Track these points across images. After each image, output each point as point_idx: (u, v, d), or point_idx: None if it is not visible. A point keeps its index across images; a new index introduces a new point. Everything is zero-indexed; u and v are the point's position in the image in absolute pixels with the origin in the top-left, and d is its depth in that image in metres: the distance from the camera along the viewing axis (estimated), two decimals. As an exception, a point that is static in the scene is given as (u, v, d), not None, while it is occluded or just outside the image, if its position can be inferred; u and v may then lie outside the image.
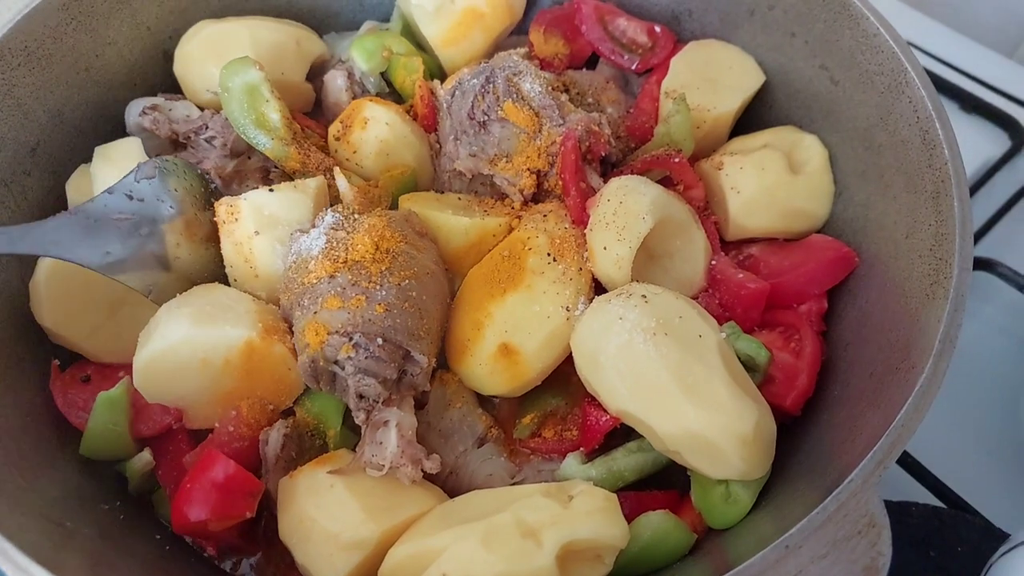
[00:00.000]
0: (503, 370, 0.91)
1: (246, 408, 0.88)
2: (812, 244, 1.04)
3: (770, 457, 0.84)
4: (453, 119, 1.08)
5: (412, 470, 0.82)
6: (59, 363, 0.94)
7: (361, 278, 0.85)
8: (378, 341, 0.83)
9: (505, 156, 1.05)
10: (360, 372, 0.83)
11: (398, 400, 0.87)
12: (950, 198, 0.85)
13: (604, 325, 0.86)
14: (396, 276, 0.86)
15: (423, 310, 0.87)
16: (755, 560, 0.65)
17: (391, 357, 0.84)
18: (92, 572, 0.67)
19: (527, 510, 0.76)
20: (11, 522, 0.68)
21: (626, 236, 0.92)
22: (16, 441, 0.83)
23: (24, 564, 0.62)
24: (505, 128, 1.04)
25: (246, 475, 0.82)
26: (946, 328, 0.77)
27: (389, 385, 0.85)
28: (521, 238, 0.97)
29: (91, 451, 0.91)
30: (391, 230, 0.91)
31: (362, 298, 0.84)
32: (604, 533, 0.75)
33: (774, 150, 1.05)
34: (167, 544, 0.87)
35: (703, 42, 1.18)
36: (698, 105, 1.11)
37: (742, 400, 0.80)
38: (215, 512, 0.80)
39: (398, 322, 0.84)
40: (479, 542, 0.73)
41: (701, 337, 0.83)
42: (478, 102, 1.06)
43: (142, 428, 0.90)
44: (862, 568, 0.65)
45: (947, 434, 1.11)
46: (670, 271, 1.00)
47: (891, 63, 0.96)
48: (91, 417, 0.89)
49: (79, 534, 0.76)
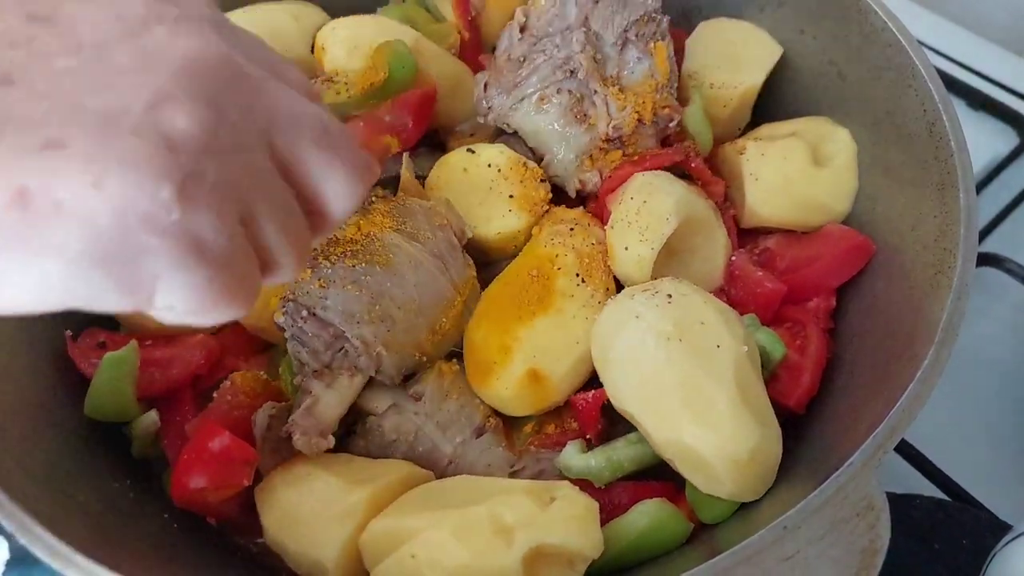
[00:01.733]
0: (530, 394, 0.91)
1: (240, 377, 0.91)
2: (828, 235, 1.03)
3: (766, 482, 0.82)
4: (591, 15, 1.01)
5: (299, 439, 0.84)
6: (71, 333, 0.94)
7: (323, 254, 0.90)
8: (304, 312, 0.88)
9: (618, 84, 1.01)
10: (292, 339, 0.89)
11: (332, 375, 0.90)
12: (955, 190, 0.86)
13: (620, 321, 0.86)
14: (355, 259, 0.89)
15: (378, 296, 0.89)
16: (752, 540, 0.65)
17: (316, 331, 0.88)
18: (99, 543, 0.68)
19: (504, 507, 0.76)
20: (26, 491, 0.69)
21: (648, 237, 0.92)
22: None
23: (32, 527, 0.64)
24: (640, 63, 0.99)
25: (242, 444, 0.84)
26: (949, 316, 0.77)
27: (319, 358, 0.89)
28: (549, 256, 0.96)
29: (95, 410, 0.91)
30: (385, 215, 0.92)
31: (309, 271, 0.89)
32: (576, 542, 0.75)
33: (800, 140, 1.04)
34: (175, 522, 0.88)
35: (712, 21, 1.19)
36: (724, 83, 1.10)
37: (744, 421, 0.78)
38: (213, 481, 0.82)
39: (336, 301, 0.87)
40: (451, 531, 0.74)
41: (719, 348, 0.81)
42: (642, 22, 1.00)
43: (146, 386, 0.92)
44: (860, 550, 0.66)
45: (952, 428, 1.11)
46: (689, 267, 0.99)
47: (899, 57, 0.96)
48: (96, 376, 0.90)
49: (87, 506, 0.77)
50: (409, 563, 0.74)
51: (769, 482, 0.82)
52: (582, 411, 0.91)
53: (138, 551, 0.75)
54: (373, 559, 0.79)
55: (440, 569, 0.73)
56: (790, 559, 0.65)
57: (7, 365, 0.85)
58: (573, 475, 0.87)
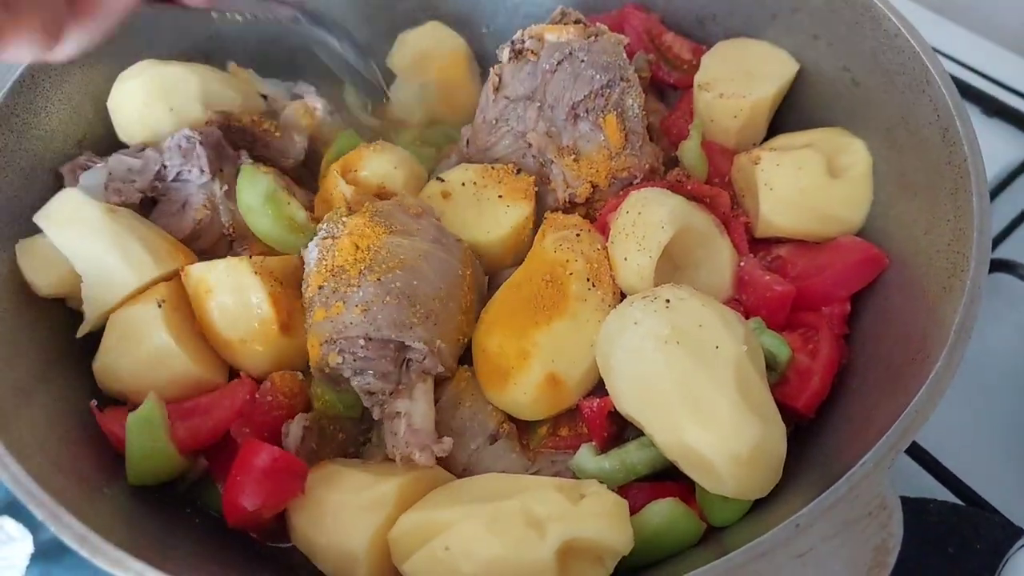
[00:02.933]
0: (548, 398, 0.93)
1: (279, 378, 0.91)
2: (840, 246, 1.04)
3: (770, 479, 0.82)
4: (547, 88, 1.05)
5: (421, 456, 0.85)
6: (96, 402, 0.91)
7: (341, 283, 0.88)
8: (360, 343, 0.87)
9: (574, 153, 1.05)
10: (357, 374, 0.88)
11: (408, 388, 0.90)
12: (968, 194, 0.86)
13: (619, 328, 0.87)
14: (376, 272, 0.88)
15: (413, 297, 0.89)
16: (765, 538, 0.66)
17: (380, 353, 0.88)
18: (125, 528, 0.70)
19: (536, 501, 0.77)
20: (55, 484, 0.71)
21: (646, 246, 0.94)
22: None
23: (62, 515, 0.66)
24: (594, 133, 1.04)
25: (288, 456, 0.83)
26: (962, 319, 0.78)
27: (391, 378, 0.89)
28: (559, 261, 0.97)
29: (139, 477, 0.86)
30: (372, 225, 0.92)
31: (340, 304, 0.87)
32: (608, 537, 0.76)
33: (816, 151, 1.04)
34: (196, 518, 0.90)
35: (732, 40, 1.20)
36: (733, 93, 1.12)
37: (744, 418, 0.78)
38: (268, 498, 0.81)
39: (379, 318, 0.87)
40: (484, 524, 0.75)
41: (718, 348, 0.81)
42: (589, 99, 1.04)
43: (190, 438, 0.88)
44: (872, 548, 0.66)
45: (966, 433, 1.12)
46: (696, 281, 1.00)
47: (912, 63, 0.97)
48: (128, 444, 0.85)
49: (115, 499, 0.79)
50: (443, 555, 0.75)
51: (774, 480, 0.82)
52: (589, 418, 0.92)
53: (162, 541, 0.77)
54: (403, 553, 0.80)
55: (475, 561, 0.74)
56: (803, 556, 0.66)
57: (44, 372, 0.87)
58: (587, 477, 0.88)
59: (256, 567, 0.86)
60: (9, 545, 1.03)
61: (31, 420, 0.79)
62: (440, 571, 0.76)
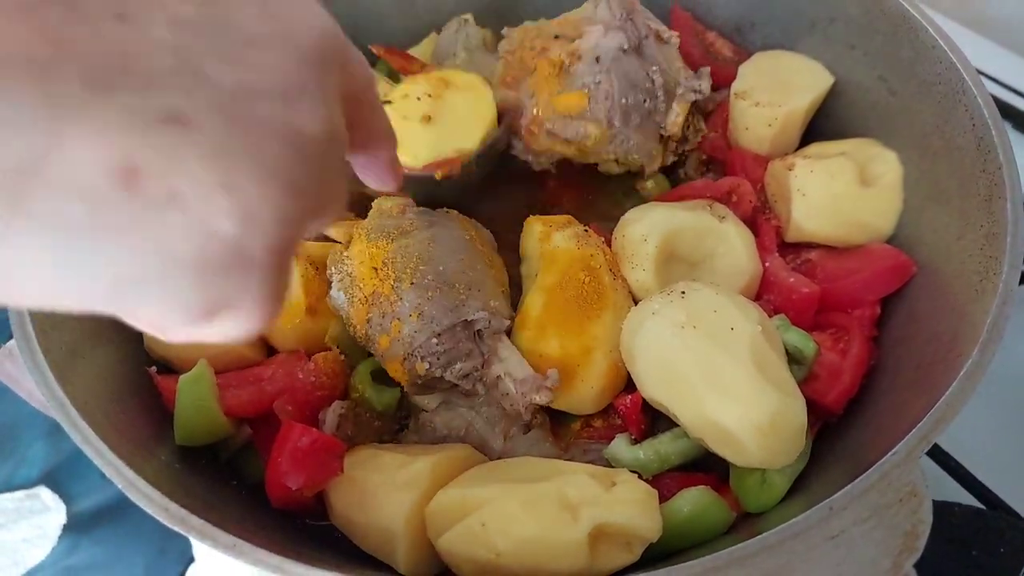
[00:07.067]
0: (611, 387, 0.96)
1: (322, 359, 0.94)
2: (871, 252, 1.06)
3: (795, 447, 0.85)
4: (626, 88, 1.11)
5: (540, 396, 0.89)
6: (155, 368, 0.95)
7: (384, 306, 0.90)
8: (433, 342, 0.89)
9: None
10: (446, 367, 0.91)
11: (492, 352, 0.93)
12: (1003, 200, 0.88)
13: (639, 321, 0.91)
14: (406, 279, 0.91)
15: (448, 279, 0.92)
16: (800, 519, 0.68)
17: (454, 340, 0.91)
18: (181, 491, 0.73)
19: (570, 485, 0.80)
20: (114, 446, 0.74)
21: (638, 263, 1.00)
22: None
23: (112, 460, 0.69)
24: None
25: (327, 438, 0.86)
26: (993, 319, 0.80)
27: (475, 354, 0.92)
28: (586, 255, 1.00)
29: (186, 435, 0.89)
30: (374, 244, 0.94)
31: (396, 322, 0.90)
32: (638, 523, 0.78)
33: (849, 160, 1.07)
34: (243, 491, 0.93)
35: (769, 52, 1.23)
36: (769, 102, 1.15)
37: (762, 389, 0.82)
38: (310, 477, 0.84)
39: (435, 313, 0.89)
40: (520, 503, 0.78)
41: (733, 330, 0.85)
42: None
43: (232, 405, 0.91)
44: (903, 533, 0.68)
45: (991, 439, 1.13)
46: (716, 271, 1.04)
47: (949, 73, 0.99)
48: (177, 402, 0.88)
49: (169, 464, 0.82)
50: (479, 531, 0.77)
51: (798, 448, 0.85)
52: (625, 413, 0.95)
53: (211, 506, 0.79)
54: (439, 528, 0.82)
55: (510, 538, 0.77)
56: (835, 538, 0.68)
57: (96, 334, 0.90)
58: (622, 466, 0.91)
59: (297, 539, 0.89)
60: (44, 515, 1.05)
61: (87, 380, 0.82)
62: (475, 546, 0.78)
